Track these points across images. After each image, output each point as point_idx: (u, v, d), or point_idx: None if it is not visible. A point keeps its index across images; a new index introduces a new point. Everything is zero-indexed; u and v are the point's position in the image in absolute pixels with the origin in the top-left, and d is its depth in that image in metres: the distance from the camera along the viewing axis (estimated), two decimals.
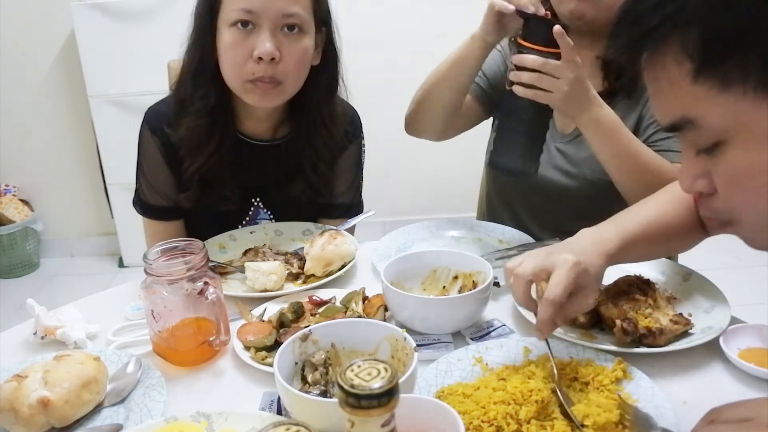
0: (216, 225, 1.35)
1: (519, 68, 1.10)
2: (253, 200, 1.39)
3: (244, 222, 1.40)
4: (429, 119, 1.36)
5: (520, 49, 1.11)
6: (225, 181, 1.31)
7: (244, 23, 1.16)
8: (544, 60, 1.08)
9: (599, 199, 1.34)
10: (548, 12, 1.15)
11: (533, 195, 1.43)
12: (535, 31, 1.10)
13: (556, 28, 1.07)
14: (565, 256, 0.84)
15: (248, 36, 1.16)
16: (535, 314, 0.85)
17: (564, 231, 1.25)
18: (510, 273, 0.89)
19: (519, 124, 1.16)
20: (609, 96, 1.23)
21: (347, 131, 1.38)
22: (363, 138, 1.45)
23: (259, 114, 1.31)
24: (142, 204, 1.37)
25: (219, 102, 1.26)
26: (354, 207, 1.46)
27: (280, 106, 1.30)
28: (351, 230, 1.41)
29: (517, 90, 1.10)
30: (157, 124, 1.30)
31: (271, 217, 1.41)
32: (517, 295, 0.88)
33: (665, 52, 0.64)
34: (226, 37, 1.18)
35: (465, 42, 1.25)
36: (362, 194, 1.49)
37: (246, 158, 1.34)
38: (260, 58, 1.15)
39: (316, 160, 1.34)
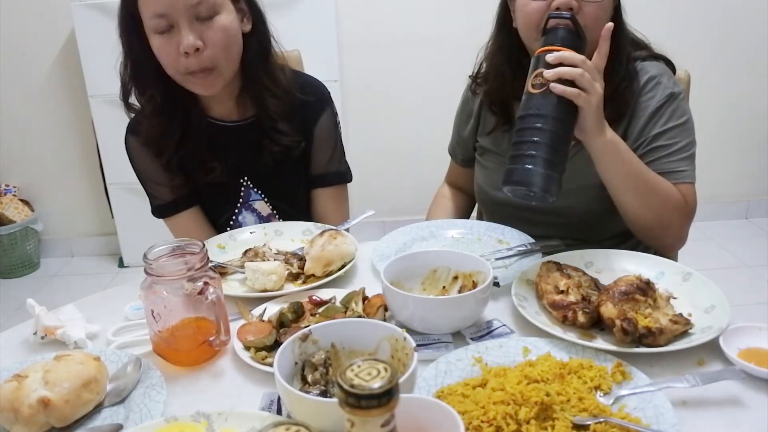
0: (213, 209, 1.46)
1: (554, 66, 1.04)
2: (242, 180, 1.45)
3: (238, 204, 1.47)
4: None
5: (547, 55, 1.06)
6: (205, 161, 1.38)
7: (163, 26, 1.22)
8: (584, 58, 1.04)
9: (592, 210, 1.32)
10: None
11: (525, 211, 1.35)
12: (563, 38, 1.07)
13: (608, 24, 1.06)
14: None
15: (172, 35, 1.22)
16: None
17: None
18: None
19: (542, 123, 1.04)
20: None
21: (310, 102, 1.42)
22: (335, 107, 1.48)
23: (217, 96, 1.37)
24: (158, 207, 1.46)
25: (168, 99, 1.33)
26: (342, 174, 1.51)
27: (231, 83, 1.35)
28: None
29: (555, 87, 1.03)
30: (134, 129, 1.42)
31: (263, 197, 1.47)
32: None
33: None
34: (155, 42, 1.25)
35: None
36: (347, 160, 1.52)
37: (222, 140, 1.41)
38: (186, 53, 1.22)
39: (271, 119, 1.38)
